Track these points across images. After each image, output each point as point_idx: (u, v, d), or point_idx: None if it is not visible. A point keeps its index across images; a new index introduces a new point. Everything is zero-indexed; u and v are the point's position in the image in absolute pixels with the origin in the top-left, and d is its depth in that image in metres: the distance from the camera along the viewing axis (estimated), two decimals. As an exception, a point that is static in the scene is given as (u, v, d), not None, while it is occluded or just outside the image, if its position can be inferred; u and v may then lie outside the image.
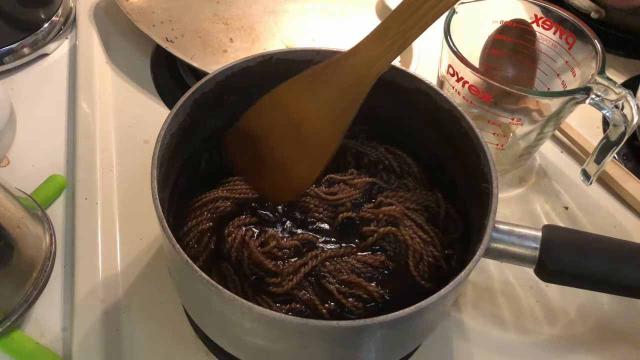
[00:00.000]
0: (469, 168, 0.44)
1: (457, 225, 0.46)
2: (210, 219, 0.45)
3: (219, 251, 0.44)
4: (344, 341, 0.36)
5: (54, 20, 0.70)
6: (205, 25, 0.69)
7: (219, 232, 0.44)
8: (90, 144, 0.58)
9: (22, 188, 0.53)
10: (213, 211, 0.45)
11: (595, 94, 0.49)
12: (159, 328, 0.47)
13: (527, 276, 0.51)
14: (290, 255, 0.43)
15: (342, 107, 0.36)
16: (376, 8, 0.75)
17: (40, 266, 0.48)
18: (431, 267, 0.44)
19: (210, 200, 0.46)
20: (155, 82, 0.66)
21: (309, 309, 0.41)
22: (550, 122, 0.53)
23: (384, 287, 0.42)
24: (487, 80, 0.50)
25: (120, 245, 0.51)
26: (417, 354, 0.47)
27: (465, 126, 0.44)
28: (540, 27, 0.56)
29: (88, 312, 0.47)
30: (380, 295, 0.41)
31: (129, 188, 0.56)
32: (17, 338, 0.46)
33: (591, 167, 0.52)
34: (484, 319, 0.50)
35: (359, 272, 0.43)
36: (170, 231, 0.36)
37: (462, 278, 0.36)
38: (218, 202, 0.46)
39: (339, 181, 0.48)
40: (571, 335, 0.50)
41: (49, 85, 0.66)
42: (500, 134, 0.55)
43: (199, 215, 0.45)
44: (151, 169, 0.39)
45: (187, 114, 0.44)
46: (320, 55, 0.47)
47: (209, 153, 0.49)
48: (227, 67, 0.45)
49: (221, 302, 0.35)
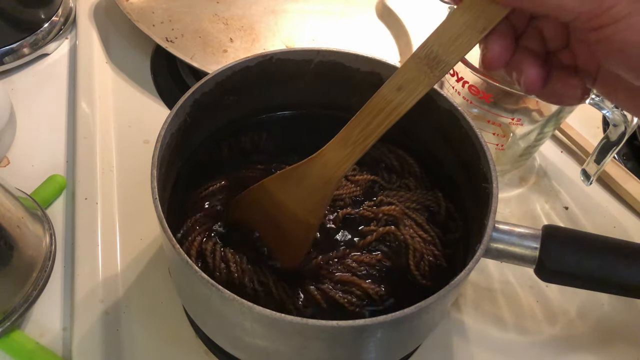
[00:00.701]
0: (469, 168, 0.44)
1: (458, 224, 0.46)
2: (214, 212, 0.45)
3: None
4: (344, 341, 0.36)
5: (54, 20, 0.70)
6: (205, 25, 0.69)
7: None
8: (90, 144, 0.58)
9: (22, 188, 0.53)
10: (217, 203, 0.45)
11: (596, 93, 0.49)
12: (159, 328, 0.47)
13: (527, 276, 0.51)
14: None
15: (313, 204, 0.40)
16: (376, 8, 0.75)
17: (40, 266, 0.48)
18: (432, 266, 0.44)
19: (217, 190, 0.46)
20: (155, 82, 0.66)
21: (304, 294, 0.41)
22: (550, 122, 0.53)
23: (381, 285, 0.42)
24: (487, 80, 0.50)
25: (120, 245, 0.51)
26: (417, 354, 0.47)
27: (465, 126, 0.44)
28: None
29: (88, 312, 0.47)
30: (375, 293, 0.41)
31: (129, 188, 0.56)
32: (17, 338, 0.46)
33: (591, 167, 0.52)
34: (484, 319, 0.50)
35: (355, 271, 0.43)
36: (170, 231, 0.36)
37: (462, 278, 0.36)
38: (223, 194, 0.46)
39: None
40: (571, 335, 0.50)
41: (49, 85, 0.66)
42: (500, 134, 0.55)
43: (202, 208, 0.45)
44: (151, 169, 0.39)
45: (187, 114, 0.44)
46: (320, 55, 0.48)
47: (209, 153, 0.49)
48: (227, 67, 0.45)
49: (221, 302, 0.35)
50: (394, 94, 0.36)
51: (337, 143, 0.39)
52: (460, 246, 0.45)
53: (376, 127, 0.37)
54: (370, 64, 0.48)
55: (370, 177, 0.48)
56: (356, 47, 0.50)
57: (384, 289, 0.42)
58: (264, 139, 0.51)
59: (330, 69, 0.48)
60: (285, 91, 0.50)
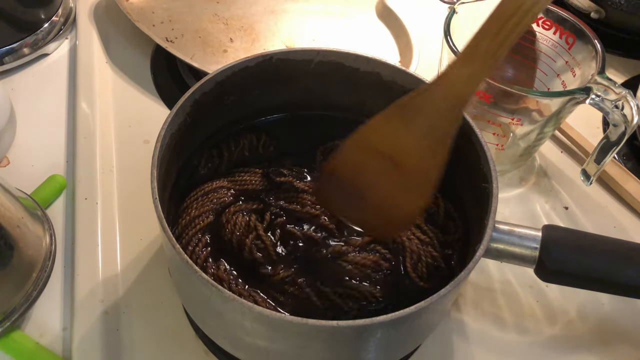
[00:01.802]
0: (469, 168, 0.44)
1: (457, 225, 0.46)
2: (212, 209, 0.45)
3: (218, 242, 0.44)
4: (344, 341, 0.36)
5: (54, 20, 0.70)
6: (205, 25, 0.69)
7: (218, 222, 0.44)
8: (90, 144, 0.58)
9: (22, 188, 0.53)
10: (215, 201, 0.45)
11: (595, 94, 0.49)
12: (159, 328, 0.47)
13: (527, 276, 0.51)
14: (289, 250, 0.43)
15: (441, 132, 0.36)
16: (376, 8, 0.75)
17: (40, 266, 0.48)
18: (429, 267, 0.44)
19: (212, 189, 0.46)
20: (155, 82, 0.66)
21: (302, 299, 0.41)
22: (550, 122, 0.53)
23: (379, 287, 0.42)
24: (487, 80, 0.50)
25: (120, 245, 0.51)
26: (417, 354, 0.47)
27: (465, 126, 0.44)
28: (540, 27, 0.56)
29: (88, 312, 0.47)
30: (372, 295, 0.41)
31: (129, 188, 0.56)
32: (17, 338, 0.46)
33: (591, 167, 0.52)
34: (484, 319, 0.50)
35: (352, 274, 0.42)
36: (170, 231, 0.36)
37: (462, 278, 0.36)
38: (220, 192, 0.46)
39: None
40: (571, 335, 0.50)
41: (49, 85, 0.66)
42: (500, 134, 0.55)
43: (200, 206, 0.45)
44: (151, 169, 0.39)
45: (187, 114, 0.44)
46: (320, 55, 0.48)
47: (209, 153, 0.49)
48: (227, 67, 0.45)
49: (221, 302, 0.35)
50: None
51: (463, 59, 0.34)
52: (459, 247, 0.45)
53: (508, 34, 0.32)
54: (370, 64, 0.48)
55: None
56: (356, 47, 0.50)
57: (381, 292, 0.42)
58: (263, 139, 0.51)
59: (330, 69, 0.48)
60: (285, 91, 0.50)
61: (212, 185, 0.46)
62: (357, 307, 0.41)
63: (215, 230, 0.44)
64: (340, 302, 0.41)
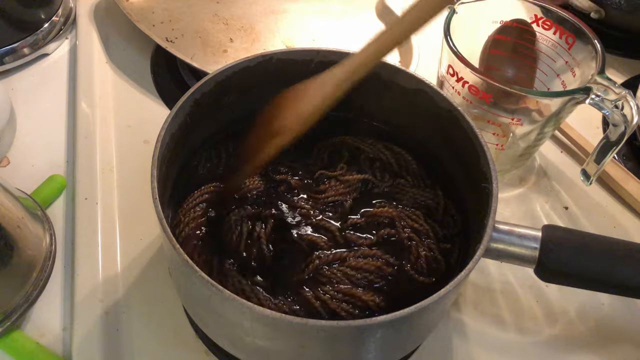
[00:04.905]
0: (469, 168, 0.44)
1: (456, 221, 0.46)
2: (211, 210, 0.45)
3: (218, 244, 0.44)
4: (344, 341, 0.36)
5: (54, 20, 0.70)
6: (205, 25, 0.69)
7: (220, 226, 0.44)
8: (90, 144, 0.58)
9: (22, 188, 0.53)
10: (215, 202, 0.45)
11: (595, 94, 0.49)
12: (159, 328, 0.47)
13: (527, 276, 0.51)
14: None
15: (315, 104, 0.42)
16: (376, 8, 0.75)
17: (40, 266, 0.48)
18: (429, 261, 0.44)
19: (212, 190, 0.46)
20: (155, 82, 0.66)
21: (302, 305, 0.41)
22: (550, 122, 0.53)
23: (380, 294, 0.42)
24: (487, 80, 0.50)
25: (120, 245, 0.51)
26: (417, 354, 0.47)
27: (465, 126, 0.44)
28: (540, 27, 0.56)
29: (88, 312, 0.47)
30: (376, 304, 0.41)
31: (129, 188, 0.56)
32: (17, 338, 0.46)
33: (591, 167, 0.52)
34: (484, 319, 0.50)
35: (354, 280, 0.42)
36: (170, 231, 0.36)
37: (462, 278, 0.36)
38: (208, 195, 0.46)
39: (330, 177, 0.48)
40: (571, 335, 0.50)
41: (49, 85, 0.66)
42: (500, 134, 0.55)
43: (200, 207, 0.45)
44: (151, 169, 0.39)
45: (187, 114, 0.44)
46: (320, 55, 0.48)
47: (208, 153, 0.49)
48: (227, 67, 0.45)
49: (221, 302, 0.35)
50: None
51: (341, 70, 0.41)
52: (459, 243, 0.45)
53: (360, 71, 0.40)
54: (370, 64, 0.47)
55: (361, 176, 0.48)
56: (356, 47, 0.50)
57: (381, 298, 0.41)
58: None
59: (330, 69, 0.48)
60: (286, 91, 0.50)
61: (212, 186, 0.47)
62: (358, 316, 0.41)
63: (216, 231, 0.44)
64: (340, 310, 0.41)
